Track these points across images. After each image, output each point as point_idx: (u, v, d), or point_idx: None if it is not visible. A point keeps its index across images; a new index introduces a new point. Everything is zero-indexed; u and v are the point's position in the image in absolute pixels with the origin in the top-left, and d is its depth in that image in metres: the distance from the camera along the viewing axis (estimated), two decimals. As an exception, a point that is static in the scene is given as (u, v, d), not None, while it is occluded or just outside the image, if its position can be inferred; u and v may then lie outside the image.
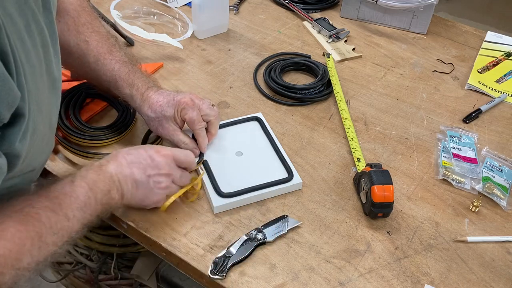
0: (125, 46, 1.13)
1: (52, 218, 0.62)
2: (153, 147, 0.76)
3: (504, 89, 1.08)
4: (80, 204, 0.66)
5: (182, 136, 0.83)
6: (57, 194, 0.65)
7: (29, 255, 0.59)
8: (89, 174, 0.69)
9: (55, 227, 0.62)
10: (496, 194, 0.84)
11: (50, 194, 0.65)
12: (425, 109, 1.02)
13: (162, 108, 0.82)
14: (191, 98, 0.82)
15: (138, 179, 0.72)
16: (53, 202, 0.64)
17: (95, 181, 0.68)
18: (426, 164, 0.90)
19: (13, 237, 0.58)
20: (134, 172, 0.72)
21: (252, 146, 0.89)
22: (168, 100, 0.82)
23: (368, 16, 1.26)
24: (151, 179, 0.73)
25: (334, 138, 0.94)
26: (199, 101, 0.83)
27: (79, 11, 0.86)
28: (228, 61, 1.12)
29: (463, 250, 0.77)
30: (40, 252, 0.61)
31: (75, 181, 0.67)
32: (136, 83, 0.84)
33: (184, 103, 0.81)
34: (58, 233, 0.63)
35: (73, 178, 0.68)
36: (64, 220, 0.63)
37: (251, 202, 0.81)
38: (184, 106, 0.81)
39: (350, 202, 0.83)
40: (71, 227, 0.65)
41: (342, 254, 0.75)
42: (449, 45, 1.21)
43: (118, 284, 1.23)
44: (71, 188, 0.66)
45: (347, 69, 1.12)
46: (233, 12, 1.28)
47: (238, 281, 0.71)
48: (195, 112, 0.82)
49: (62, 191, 0.65)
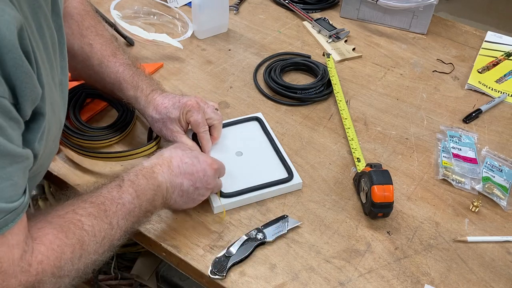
0: (125, 46, 1.13)
1: (96, 226, 0.61)
2: (206, 158, 0.76)
3: (504, 89, 1.08)
4: (125, 212, 0.65)
5: (185, 139, 0.83)
6: (103, 199, 0.64)
7: (70, 263, 0.58)
8: (138, 180, 0.68)
9: (99, 235, 0.61)
10: (496, 194, 0.84)
11: (96, 199, 0.63)
12: (425, 109, 1.02)
13: (168, 110, 0.82)
14: (196, 101, 0.82)
15: (185, 189, 0.73)
16: (99, 208, 0.62)
17: (143, 188, 0.68)
18: (426, 164, 0.90)
19: (52, 244, 0.57)
20: (184, 183, 0.72)
21: (252, 146, 0.89)
22: (173, 102, 0.82)
23: (368, 16, 1.26)
24: (197, 191, 0.74)
25: (334, 138, 0.94)
26: (204, 104, 0.84)
27: (83, 15, 0.87)
28: (228, 61, 1.12)
29: (463, 250, 0.77)
30: (81, 261, 0.60)
31: (123, 186, 0.66)
32: (141, 85, 0.85)
33: (189, 105, 0.81)
34: (101, 242, 0.62)
35: (121, 182, 0.67)
36: (108, 229, 0.62)
37: (251, 202, 0.81)
38: (189, 109, 0.81)
39: (350, 202, 0.83)
40: (114, 235, 0.64)
41: (342, 254, 0.75)
42: (449, 45, 1.21)
43: (118, 284, 1.24)
44: (118, 194, 0.65)
45: (347, 69, 1.12)
46: (233, 12, 1.28)
47: (238, 281, 0.71)
48: (200, 115, 0.82)
49: (108, 197, 0.64)
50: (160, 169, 0.71)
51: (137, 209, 0.67)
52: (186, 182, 0.72)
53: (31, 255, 0.55)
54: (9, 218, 0.52)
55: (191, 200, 0.75)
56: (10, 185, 0.52)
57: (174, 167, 0.72)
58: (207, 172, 0.74)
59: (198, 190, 0.74)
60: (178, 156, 0.74)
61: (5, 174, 0.51)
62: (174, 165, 0.72)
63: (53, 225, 0.58)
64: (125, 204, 0.65)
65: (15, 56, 0.49)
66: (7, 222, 0.52)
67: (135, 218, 0.67)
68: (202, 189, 0.74)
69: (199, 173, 0.73)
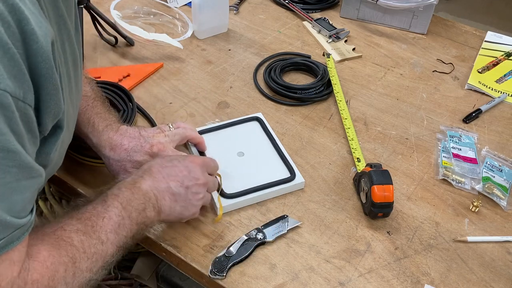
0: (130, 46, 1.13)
1: (85, 242, 0.60)
2: (186, 156, 0.74)
3: (504, 89, 1.08)
4: (113, 226, 0.63)
5: None
6: (89, 215, 0.62)
7: (63, 282, 0.57)
8: (122, 192, 0.66)
9: (89, 251, 0.60)
10: (496, 194, 0.84)
11: (82, 215, 0.62)
12: (425, 109, 1.02)
13: (128, 153, 0.77)
14: (159, 141, 0.79)
15: (176, 192, 0.70)
16: (86, 224, 0.61)
17: (129, 199, 0.65)
18: (426, 164, 0.90)
19: (46, 261, 0.55)
20: (171, 185, 0.69)
21: (253, 147, 0.89)
22: (134, 145, 0.78)
23: (368, 16, 1.26)
24: (189, 190, 0.71)
25: (334, 138, 0.94)
26: (165, 138, 0.80)
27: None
28: (228, 61, 1.12)
29: (463, 250, 0.77)
30: (74, 279, 0.58)
31: (108, 201, 0.64)
32: (92, 120, 0.79)
33: (158, 150, 0.78)
34: (92, 258, 0.60)
35: (105, 197, 0.65)
36: (98, 244, 0.61)
37: (254, 202, 0.81)
38: (157, 152, 0.78)
39: (350, 202, 0.83)
40: (106, 250, 0.62)
41: (342, 254, 0.75)
42: (449, 45, 1.21)
43: (118, 284, 1.23)
44: (104, 208, 0.63)
45: (347, 69, 1.12)
46: (233, 12, 1.28)
47: (238, 281, 0.71)
48: (170, 152, 0.79)
49: (94, 212, 0.63)
50: (141, 179, 0.68)
51: (127, 221, 0.64)
52: (173, 184, 0.69)
53: (28, 273, 0.54)
54: (15, 235, 0.51)
55: (189, 203, 0.71)
56: (22, 200, 0.51)
57: (155, 174, 0.69)
58: (190, 168, 0.71)
59: (190, 189, 0.71)
60: (157, 164, 0.71)
61: (19, 187, 0.50)
62: (154, 171, 0.70)
63: (45, 242, 0.57)
64: (112, 217, 0.63)
65: (47, 67, 0.49)
66: (14, 239, 0.51)
67: (127, 231, 0.64)
68: (194, 187, 0.71)
69: (182, 171, 0.70)
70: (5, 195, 0.49)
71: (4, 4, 0.45)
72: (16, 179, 0.49)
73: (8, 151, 0.47)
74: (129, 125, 0.82)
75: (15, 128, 0.47)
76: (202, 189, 0.73)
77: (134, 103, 0.94)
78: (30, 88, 0.48)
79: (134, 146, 0.78)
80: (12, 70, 0.46)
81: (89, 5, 1.08)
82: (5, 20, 0.45)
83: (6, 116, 0.46)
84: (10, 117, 0.46)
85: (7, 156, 0.47)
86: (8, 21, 0.45)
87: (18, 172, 0.49)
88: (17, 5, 0.46)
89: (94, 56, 1.10)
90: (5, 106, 0.45)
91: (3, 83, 0.44)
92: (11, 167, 0.48)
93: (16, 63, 0.46)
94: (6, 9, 0.45)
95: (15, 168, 0.49)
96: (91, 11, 1.09)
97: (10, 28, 0.45)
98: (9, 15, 0.45)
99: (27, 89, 0.48)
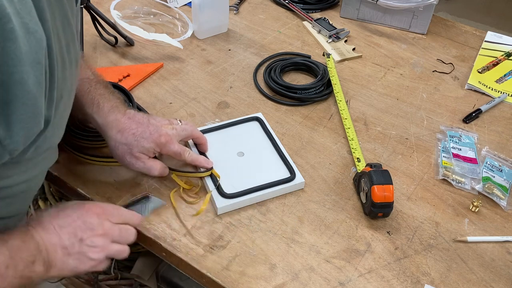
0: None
1: None
2: (82, 205, 0.67)
3: (504, 89, 1.08)
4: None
5: (153, 161, 0.78)
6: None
7: None
8: (12, 239, 0.59)
9: None
10: (496, 194, 0.84)
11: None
12: (425, 109, 1.02)
13: (136, 138, 0.76)
14: (167, 133, 0.78)
15: (67, 244, 0.63)
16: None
17: (18, 248, 0.58)
18: (426, 164, 0.90)
19: None
20: (62, 238, 0.63)
21: (253, 146, 0.89)
22: (142, 131, 0.76)
23: (368, 16, 1.26)
24: (83, 243, 0.64)
25: (334, 138, 0.94)
26: (172, 131, 0.79)
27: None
28: (228, 61, 1.12)
29: (463, 250, 0.77)
30: None
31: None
32: (97, 100, 0.77)
33: (165, 141, 0.77)
34: None
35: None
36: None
37: (254, 202, 0.81)
38: (165, 143, 0.77)
39: (350, 202, 0.83)
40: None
41: (342, 254, 0.75)
42: (449, 45, 1.21)
43: (118, 284, 1.23)
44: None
45: (347, 69, 1.12)
46: (233, 12, 1.28)
47: (238, 281, 0.71)
48: (176, 145, 0.79)
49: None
50: (34, 229, 0.62)
51: (11, 272, 0.57)
52: (65, 236, 0.63)
53: None
54: None
55: (83, 256, 0.64)
56: None
57: (46, 224, 0.63)
58: (85, 218, 0.65)
59: (85, 241, 0.64)
60: (51, 213, 0.65)
61: None
62: (46, 222, 0.63)
63: None
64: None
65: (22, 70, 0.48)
66: None
67: (7, 283, 0.57)
68: (90, 239, 0.64)
69: (76, 222, 0.64)
70: None
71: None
72: None
73: None
74: (136, 110, 0.81)
75: None
76: (101, 241, 0.65)
77: (134, 103, 0.94)
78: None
79: (143, 132, 0.76)
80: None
81: (89, 5, 1.08)
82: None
83: None
84: None
85: None
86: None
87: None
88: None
89: (94, 56, 1.10)
90: None
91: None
92: None
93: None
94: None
95: None
96: (91, 11, 1.09)
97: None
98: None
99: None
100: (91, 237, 0.65)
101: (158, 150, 0.78)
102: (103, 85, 0.81)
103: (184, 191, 0.82)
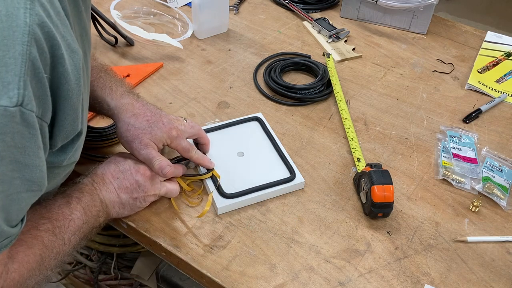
0: (129, 46, 1.13)
1: (54, 242, 0.63)
2: (138, 168, 0.75)
3: (504, 89, 1.08)
4: (75, 229, 0.66)
5: (155, 153, 0.77)
6: (56, 216, 0.65)
7: (33, 280, 0.60)
8: (84, 197, 0.69)
9: (55, 251, 0.63)
10: (496, 194, 0.84)
11: (50, 215, 0.64)
12: (425, 109, 1.02)
13: (150, 125, 0.76)
14: (177, 127, 0.79)
15: (124, 202, 0.74)
16: (53, 224, 0.64)
17: (89, 205, 0.69)
18: (426, 164, 0.90)
19: (23, 261, 0.58)
20: (121, 197, 0.74)
21: (253, 146, 0.89)
22: (156, 120, 0.77)
23: (368, 16, 1.26)
24: (137, 200, 0.75)
25: (334, 138, 0.94)
26: (181, 127, 0.80)
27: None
28: (228, 61, 1.12)
29: (463, 250, 0.77)
30: (39, 277, 0.61)
31: (71, 203, 0.67)
32: (109, 85, 0.79)
33: (176, 134, 0.78)
34: (56, 257, 0.63)
35: (69, 198, 0.68)
36: (62, 245, 0.64)
37: (254, 202, 0.81)
38: (176, 137, 0.78)
39: (350, 202, 0.83)
40: (66, 251, 0.65)
41: (342, 254, 0.75)
42: (449, 45, 1.21)
43: (118, 284, 1.23)
44: (69, 211, 0.66)
45: (347, 69, 1.12)
46: (233, 12, 1.28)
47: (238, 281, 0.71)
48: (185, 141, 0.80)
49: (60, 213, 0.65)
50: (98, 186, 0.72)
51: (85, 225, 0.68)
52: (124, 196, 0.74)
53: (7, 273, 0.56)
54: (5, 243, 0.54)
55: (136, 208, 0.76)
56: (17, 210, 0.54)
57: (108, 184, 0.73)
58: (140, 182, 0.74)
59: (138, 199, 0.75)
60: (109, 173, 0.74)
61: (18, 198, 0.53)
62: (107, 182, 0.73)
63: (21, 242, 0.59)
64: (75, 220, 0.66)
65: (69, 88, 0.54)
66: (2, 246, 0.54)
67: (83, 234, 0.68)
68: (143, 197, 0.76)
69: (133, 185, 0.74)
70: (5, 206, 0.51)
71: (42, 31, 0.49)
72: (17, 191, 0.52)
73: (18, 163, 0.50)
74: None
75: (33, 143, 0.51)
76: (153, 198, 0.77)
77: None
78: (49, 107, 0.53)
79: (156, 122, 0.77)
80: (38, 91, 0.50)
81: (89, 5, 1.08)
82: (41, 47, 0.49)
83: (31, 133, 0.50)
84: (33, 134, 0.51)
85: (16, 168, 0.50)
86: (43, 47, 0.49)
87: (20, 185, 0.52)
88: (51, 32, 0.50)
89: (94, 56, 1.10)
90: (31, 125, 0.50)
91: (30, 104, 0.48)
92: (16, 179, 0.51)
93: (42, 86, 0.50)
94: (43, 36, 0.49)
95: (19, 180, 0.51)
96: (91, 11, 1.09)
97: (43, 54, 0.49)
98: (45, 41, 0.49)
99: (47, 108, 0.52)
100: (144, 197, 0.76)
101: (169, 142, 0.79)
102: (113, 72, 0.84)
103: (185, 193, 0.82)
